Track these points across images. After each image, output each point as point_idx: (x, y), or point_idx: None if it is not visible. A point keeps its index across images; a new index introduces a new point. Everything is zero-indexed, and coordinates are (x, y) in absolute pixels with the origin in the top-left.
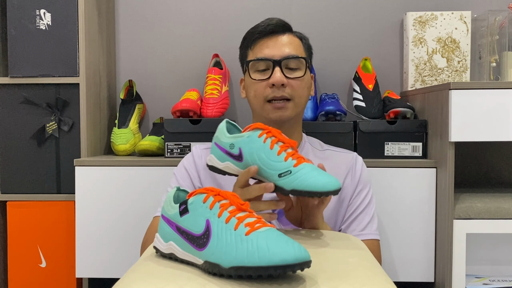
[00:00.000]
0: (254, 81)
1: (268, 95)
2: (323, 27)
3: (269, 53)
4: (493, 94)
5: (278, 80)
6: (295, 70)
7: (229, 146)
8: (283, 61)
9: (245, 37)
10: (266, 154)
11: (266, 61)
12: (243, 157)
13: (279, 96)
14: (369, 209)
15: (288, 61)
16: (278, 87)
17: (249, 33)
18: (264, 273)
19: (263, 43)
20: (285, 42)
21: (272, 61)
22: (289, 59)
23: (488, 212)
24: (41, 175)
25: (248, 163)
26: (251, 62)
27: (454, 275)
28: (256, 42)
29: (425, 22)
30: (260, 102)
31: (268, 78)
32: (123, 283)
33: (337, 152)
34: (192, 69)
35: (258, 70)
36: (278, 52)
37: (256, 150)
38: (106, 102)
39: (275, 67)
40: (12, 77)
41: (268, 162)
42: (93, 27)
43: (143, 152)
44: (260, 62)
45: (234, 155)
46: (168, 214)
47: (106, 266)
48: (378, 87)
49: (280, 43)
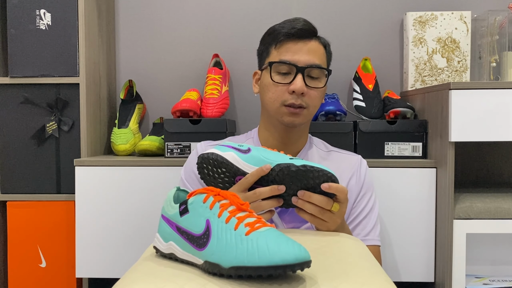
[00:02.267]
0: (274, 83)
1: (286, 100)
2: (323, 27)
3: (294, 57)
4: (493, 94)
5: (299, 88)
6: (316, 80)
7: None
8: (306, 69)
9: (269, 32)
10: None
11: (290, 66)
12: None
13: (297, 104)
14: (373, 214)
15: (311, 70)
16: (298, 94)
17: (275, 30)
18: (264, 273)
19: (290, 45)
20: (312, 49)
21: (297, 67)
22: (312, 68)
23: (488, 212)
24: (41, 175)
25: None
26: (274, 63)
27: (454, 275)
28: (282, 43)
29: (425, 22)
30: (277, 105)
31: (289, 83)
32: (123, 283)
33: (342, 154)
34: (192, 69)
35: (280, 72)
36: (303, 59)
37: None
38: (106, 102)
39: (297, 74)
40: (12, 77)
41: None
42: (93, 27)
43: (143, 152)
44: (284, 65)
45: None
46: (168, 214)
47: (106, 266)
48: (378, 87)
49: (306, 49)
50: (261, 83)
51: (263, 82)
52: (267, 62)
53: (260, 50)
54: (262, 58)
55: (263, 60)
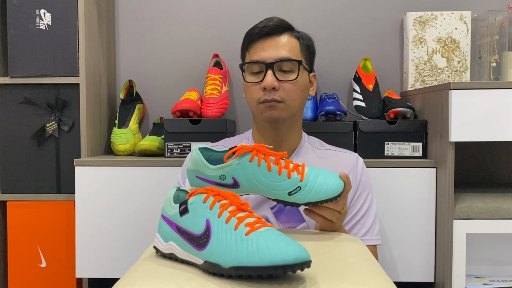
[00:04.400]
0: (248, 84)
1: (260, 97)
2: (323, 27)
3: (263, 55)
4: (493, 94)
5: (269, 84)
6: (288, 73)
7: (219, 177)
8: (275, 64)
9: (244, 38)
10: (267, 177)
11: (259, 64)
12: (239, 184)
13: (270, 99)
14: (370, 214)
15: (281, 64)
16: (269, 90)
17: (247, 34)
18: (264, 273)
19: (259, 45)
20: (280, 44)
21: (265, 64)
22: (281, 62)
23: (488, 212)
24: (41, 175)
25: (247, 189)
26: (245, 64)
27: (454, 275)
28: (252, 45)
29: (425, 22)
30: (255, 104)
31: (261, 81)
32: (123, 283)
33: (338, 152)
34: (192, 69)
35: (253, 72)
36: (272, 55)
37: (253, 176)
38: (106, 102)
39: (267, 70)
40: (12, 77)
41: (272, 184)
42: (93, 27)
43: (143, 152)
44: (254, 65)
45: (228, 184)
46: (168, 214)
47: (106, 266)
48: (378, 87)
49: (275, 45)
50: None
51: (244, 85)
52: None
53: (241, 56)
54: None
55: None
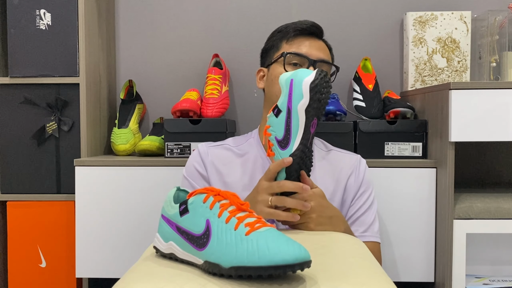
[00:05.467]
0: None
1: None
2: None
3: (307, 51)
4: (493, 94)
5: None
6: None
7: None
8: (318, 63)
9: (279, 30)
10: None
11: (303, 58)
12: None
13: None
14: (371, 211)
15: (322, 64)
16: None
17: (286, 27)
18: (264, 273)
19: (302, 40)
20: (322, 46)
21: (309, 59)
22: (323, 62)
23: (488, 212)
24: (41, 175)
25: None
26: (288, 54)
27: (454, 275)
28: (294, 37)
29: (425, 22)
30: None
31: None
32: (123, 283)
33: (342, 153)
34: (192, 69)
35: (291, 63)
36: (315, 53)
37: None
38: (106, 102)
39: (310, 66)
40: (12, 77)
41: None
42: (93, 27)
43: (143, 152)
44: (297, 57)
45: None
46: (168, 214)
47: (106, 266)
48: (378, 87)
49: (317, 46)
50: (269, 76)
51: (272, 75)
52: (280, 54)
53: (268, 46)
54: (269, 54)
55: (270, 56)
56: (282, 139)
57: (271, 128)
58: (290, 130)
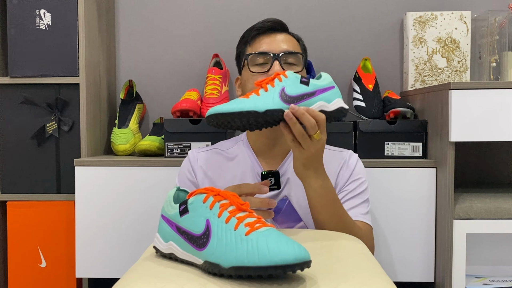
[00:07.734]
0: (253, 74)
1: None
2: (323, 27)
3: (268, 48)
4: (493, 94)
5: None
6: (293, 66)
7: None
8: (282, 56)
9: (242, 35)
10: None
11: (265, 55)
12: None
13: None
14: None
15: (286, 56)
16: None
17: (247, 31)
18: (264, 273)
19: (262, 39)
20: (284, 39)
21: (271, 55)
22: (287, 54)
23: (488, 212)
24: (41, 175)
25: None
26: (250, 55)
27: (454, 275)
28: (255, 38)
29: (425, 22)
30: None
31: (267, 71)
32: (123, 283)
33: (332, 151)
34: (192, 69)
35: (257, 64)
36: (277, 48)
37: None
38: (106, 102)
39: (274, 61)
40: (12, 77)
41: None
42: (93, 27)
43: (143, 152)
44: (259, 56)
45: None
46: (168, 214)
47: (106, 266)
48: (378, 87)
49: (278, 40)
50: (242, 82)
51: (243, 79)
52: (244, 57)
53: (237, 54)
54: (240, 60)
55: (240, 62)
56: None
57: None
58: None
